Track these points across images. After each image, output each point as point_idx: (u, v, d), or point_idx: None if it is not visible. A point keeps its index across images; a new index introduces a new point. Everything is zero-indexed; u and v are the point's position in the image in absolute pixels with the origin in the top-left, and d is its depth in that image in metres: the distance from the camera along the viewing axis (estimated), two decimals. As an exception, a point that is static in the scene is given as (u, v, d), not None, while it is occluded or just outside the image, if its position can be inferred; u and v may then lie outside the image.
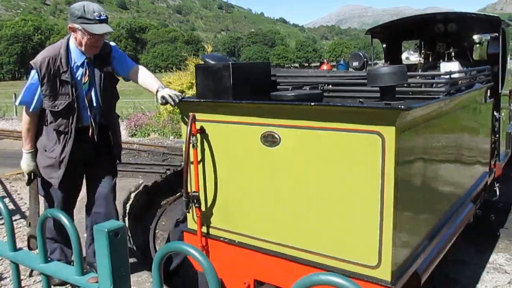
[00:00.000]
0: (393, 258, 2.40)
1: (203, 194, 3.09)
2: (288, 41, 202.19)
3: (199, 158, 3.04)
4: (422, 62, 5.94)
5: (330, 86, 3.26)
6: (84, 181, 3.62)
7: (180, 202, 6.92)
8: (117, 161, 3.66)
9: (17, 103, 3.34)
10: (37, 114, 3.25)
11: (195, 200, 3.03)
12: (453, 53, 5.57)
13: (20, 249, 1.42)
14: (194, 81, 12.03)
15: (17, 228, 4.76)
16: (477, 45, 5.98)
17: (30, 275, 3.67)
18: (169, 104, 3.12)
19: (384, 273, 2.42)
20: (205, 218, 3.11)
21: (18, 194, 6.35)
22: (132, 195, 6.15)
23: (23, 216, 5.25)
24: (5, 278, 3.78)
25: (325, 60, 5.73)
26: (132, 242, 4.78)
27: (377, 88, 2.80)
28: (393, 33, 6.33)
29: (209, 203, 3.09)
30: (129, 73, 3.49)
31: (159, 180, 7.17)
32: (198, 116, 2.95)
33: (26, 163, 3.34)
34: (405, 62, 7.09)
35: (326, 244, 2.60)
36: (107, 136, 3.45)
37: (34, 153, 3.34)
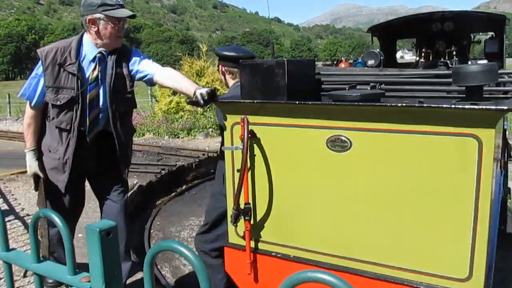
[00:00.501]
0: (486, 270, 2.23)
1: (252, 206, 2.78)
2: (283, 40, 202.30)
3: (249, 165, 2.71)
4: (418, 60, 5.98)
5: (383, 85, 3.01)
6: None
7: (176, 201, 6.96)
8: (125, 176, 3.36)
9: (18, 94, 3.12)
10: (40, 109, 3.03)
11: (247, 213, 2.71)
12: (454, 52, 5.61)
13: (13, 249, 1.42)
14: (188, 81, 12.06)
15: (11, 228, 4.75)
16: (478, 44, 6.03)
17: (25, 276, 3.67)
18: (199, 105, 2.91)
19: (476, 287, 2.24)
20: (255, 231, 2.79)
21: (12, 194, 6.34)
22: (127, 195, 6.14)
23: (17, 217, 5.24)
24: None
25: (342, 59, 5.67)
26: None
27: (442, 87, 2.66)
28: (395, 31, 6.34)
29: (259, 215, 2.79)
30: (155, 76, 3.15)
31: (154, 180, 7.16)
32: (239, 118, 2.62)
33: (28, 164, 3.08)
34: (399, 61, 7.12)
35: (406, 256, 2.39)
36: (112, 146, 3.13)
37: (37, 152, 3.08)
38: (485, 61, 5.41)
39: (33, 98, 2.99)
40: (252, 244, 2.81)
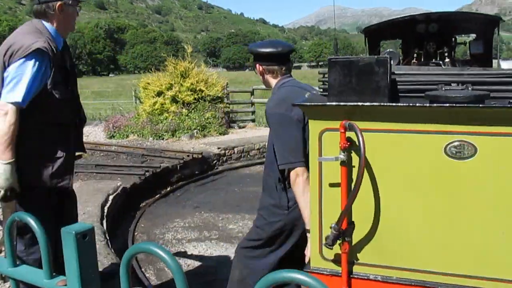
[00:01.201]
0: None
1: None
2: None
3: (348, 178, 2.39)
4: (405, 61, 6.03)
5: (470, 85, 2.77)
6: None
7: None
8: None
9: (19, 99, 2.59)
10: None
11: (349, 233, 2.42)
12: (446, 53, 5.68)
13: (-11, 253, 1.40)
14: (173, 82, 12.04)
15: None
16: (464, 45, 6.11)
17: (4, 280, 3.61)
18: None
19: None
20: (351, 253, 2.49)
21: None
22: (111, 197, 6.09)
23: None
24: (-21, 284, 3.70)
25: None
26: (110, 245, 4.73)
27: None
28: (383, 33, 6.36)
29: (359, 235, 2.48)
30: None
31: (138, 182, 7.11)
32: (336, 124, 2.30)
33: (4, 177, 2.60)
34: None
35: None
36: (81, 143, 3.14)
37: (14, 164, 2.65)
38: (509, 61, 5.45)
39: (26, 101, 2.63)
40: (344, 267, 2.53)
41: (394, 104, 2.31)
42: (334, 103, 2.36)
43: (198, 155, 8.79)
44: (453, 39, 6.11)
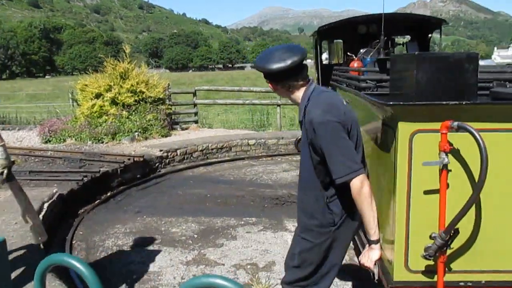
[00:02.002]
0: None
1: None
2: (211, 42, 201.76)
3: (451, 182, 2.24)
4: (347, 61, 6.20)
5: None
6: None
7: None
8: None
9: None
10: None
11: (451, 242, 2.27)
12: (394, 52, 5.89)
13: None
14: (112, 83, 11.69)
15: None
16: (402, 45, 6.34)
17: None
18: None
19: None
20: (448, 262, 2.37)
21: None
22: (46, 205, 5.81)
23: None
24: None
25: (355, 57, 5.61)
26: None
27: None
28: (334, 34, 6.45)
29: (457, 243, 2.34)
30: None
31: (76, 188, 6.84)
32: (430, 125, 2.16)
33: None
34: (325, 62, 7.33)
35: None
36: None
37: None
38: None
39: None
40: (433, 277, 2.36)
41: (506, 102, 2.18)
42: (436, 102, 2.16)
43: (140, 158, 8.59)
44: (392, 40, 6.35)
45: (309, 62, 8.81)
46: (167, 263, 4.82)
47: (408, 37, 6.65)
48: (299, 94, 2.48)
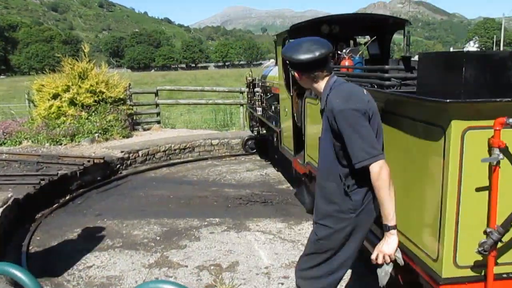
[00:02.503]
0: None
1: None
2: (174, 41, 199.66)
3: (503, 179, 2.28)
4: None
5: None
6: None
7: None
8: None
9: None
10: None
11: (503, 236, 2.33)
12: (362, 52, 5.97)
13: None
14: (70, 84, 11.36)
15: None
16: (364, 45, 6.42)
17: None
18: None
19: None
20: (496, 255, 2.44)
21: None
22: (0, 210, 5.58)
23: None
24: None
25: (346, 56, 5.58)
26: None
27: None
28: (314, 32, 6.43)
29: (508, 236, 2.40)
30: None
31: (33, 192, 6.60)
32: (481, 122, 2.22)
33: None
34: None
35: None
36: None
37: None
38: None
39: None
40: (480, 271, 2.41)
41: None
42: (491, 99, 2.20)
43: (100, 160, 8.39)
44: (354, 39, 6.44)
45: (267, 62, 8.80)
46: (128, 266, 4.73)
47: (367, 37, 6.74)
48: (322, 85, 2.61)
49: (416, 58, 3.16)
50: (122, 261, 4.87)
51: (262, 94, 8.64)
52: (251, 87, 9.65)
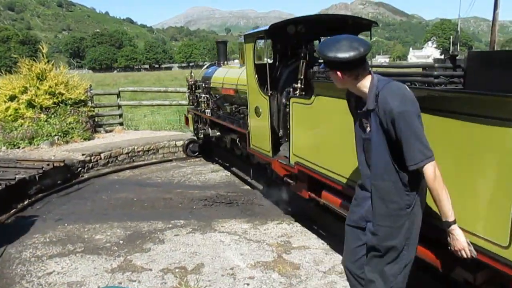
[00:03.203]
0: None
1: None
2: (136, 42, 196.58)
3: None
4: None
5: None
6: None
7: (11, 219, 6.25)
8: None
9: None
10: None
11: None
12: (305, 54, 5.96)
13: None
14: (28, 85, 11.00)
15: None
16: None
17: None
18: None
19: None
20: None
21: None
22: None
23: None
24: None
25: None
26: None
27: None
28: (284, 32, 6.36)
29: None
30: None
31: (-13, 198, 6.34)
32: None
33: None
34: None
35: None
36: None
37: None
38: None
39: None
40: None
41: None
42: None
43: (60, 163, 8.15)
44: (319, 40, 6.45)
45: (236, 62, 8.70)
46: (90, 272, 4.61)
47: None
48: (365, 83, 2.59)
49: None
50: (84, 266, 4.74)
51: (208, 96, 8.52)
52: (194, 89, 9.53)
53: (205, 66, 9.94)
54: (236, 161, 8.35)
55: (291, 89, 5.52)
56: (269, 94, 5.70)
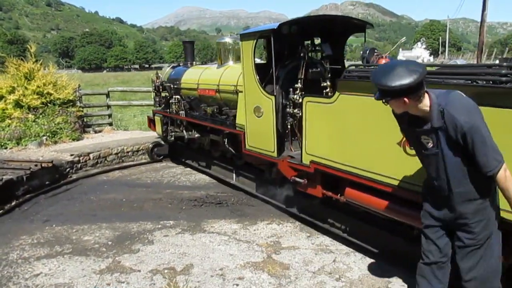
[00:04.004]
0: None
1: None
2: (126, 41, 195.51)
3: None
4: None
5: None
6: None
7: None
8: None
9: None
10: None
11: None
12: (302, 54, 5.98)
13: None
14: (15, 85, 10.88)
15: None
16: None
17: None
18: None
19: None
20: None
21: None
22: None
23: None
24: None
25: (383, 55, 5.34)
26: None
27: None
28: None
29: None
30: None
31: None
32: None
33: None
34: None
35: None
36: None
37: None
38: None
39: None
40: None
41: None
42: None
43: (48, 164, 8.07)
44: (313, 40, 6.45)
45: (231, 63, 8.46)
46: (78, 273, 4.57)
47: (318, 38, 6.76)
48: (426, 102, 2.72)
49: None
50: (72, 267, 4.70)
51: (178, 97, 8.34)
52: (160, 90, 9.31)
53: (168, 67, 9.72)
54: (213, 162, 8.24)
55: (291, 89, 5.55)
56: (275, 94, 5.63)
